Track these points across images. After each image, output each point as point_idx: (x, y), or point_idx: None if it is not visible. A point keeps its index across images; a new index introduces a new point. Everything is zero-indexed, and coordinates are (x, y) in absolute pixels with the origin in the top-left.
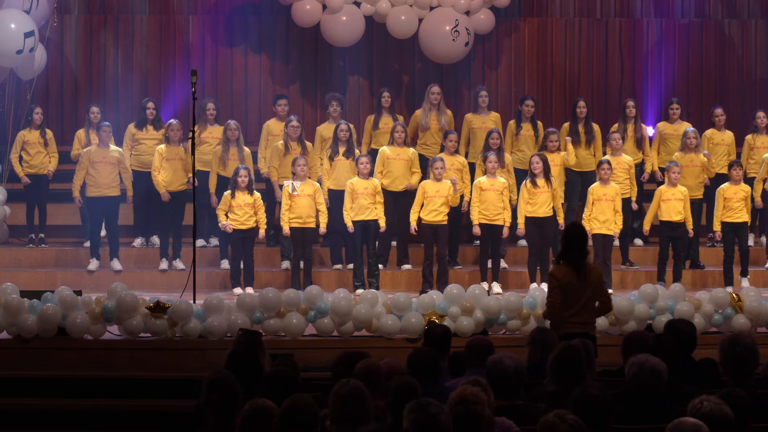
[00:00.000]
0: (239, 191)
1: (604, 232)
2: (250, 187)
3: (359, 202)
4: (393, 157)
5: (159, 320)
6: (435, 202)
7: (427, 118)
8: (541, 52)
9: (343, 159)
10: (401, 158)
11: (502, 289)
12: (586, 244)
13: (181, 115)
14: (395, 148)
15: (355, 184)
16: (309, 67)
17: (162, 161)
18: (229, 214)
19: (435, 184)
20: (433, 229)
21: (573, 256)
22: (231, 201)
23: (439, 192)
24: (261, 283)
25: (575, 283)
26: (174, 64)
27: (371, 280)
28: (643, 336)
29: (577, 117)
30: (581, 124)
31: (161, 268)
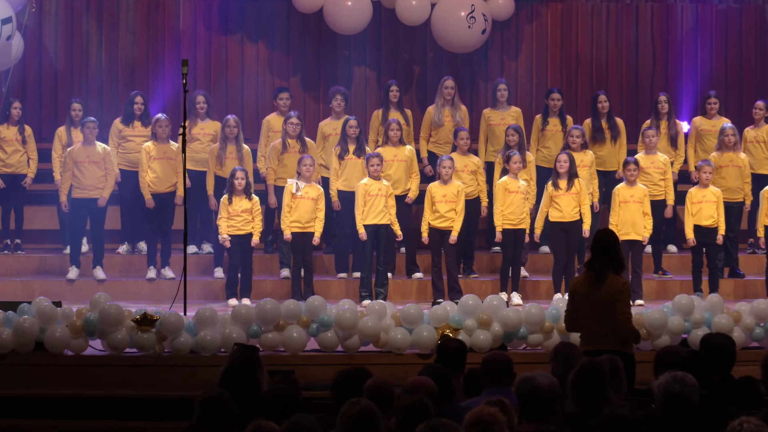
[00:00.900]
0: (236, 196)
1: (632, 238)
2: (248, 190)
3: (371, 205)
4: (390, 159)
5: (146, 334)
6: (442, 207)
7: (441, 114)
8: (565, 41)
9: (354, 158)
10: (399, 159)
11: (522, 300)
12: (613, 251)
13: (171, 109)
14: (391, 149)
15: (368, 186)
16: (311, 58)
17: (150, 160)
18: (228, 221)
19: (442, 186)
20: (440, 234)
21: (595, 264)
22: (228, 207)
23: (447, 196)
24: (258, 293)
25: (584, 292)
26: (163, 54)
27: (379, 290)
28: (676, 351)
29: (599, 112)
30: (604, 119)
31: (149, 276)
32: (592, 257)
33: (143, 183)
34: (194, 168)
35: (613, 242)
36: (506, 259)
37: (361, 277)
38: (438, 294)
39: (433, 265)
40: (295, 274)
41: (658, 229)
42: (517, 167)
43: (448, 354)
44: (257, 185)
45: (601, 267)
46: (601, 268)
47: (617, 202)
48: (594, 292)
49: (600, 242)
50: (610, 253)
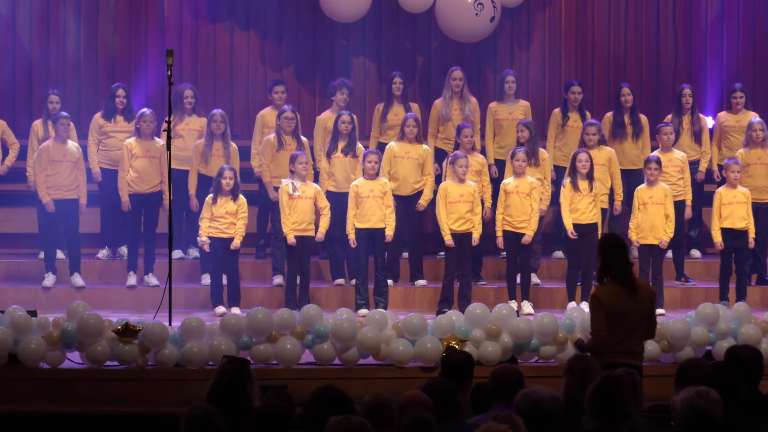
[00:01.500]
0: (222, 196)
1: (652, 242)
2: (235, 191)
3: (365, 206)
4: (401, 155)
5: (128, 346)
6: (458, 208)
7: (449, 108)
8: (580, 30)
9: (341, 156)
10: (410, 157)
11: (533, 309)
12: (628, 255)
13: (155, 103)
14: (405, 145)
15: (360, 186)
16: (306, 48)
17: (132, 159)
18: (212, 223)
19: (458, 186)
20: (457, 238)
21: (617, 271)
22: (212, 208)
23: (464, 196)
24: (249, 301)
25: (623, 305)
26: (146, 44)
27: (379, 299)
28: (700, 364)
29: (622, 106)
30: (627, 114)
31: (129, 283)
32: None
33: (122, 182)
34: (179, 167)
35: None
36: (510, 263)
37: (356, 284)
38: (446, 304)
39: (446, 273)
40: (289, 281)
41: (679, 233)
42: (519, 166)
43: (454, 367)
44: (248, 186)
45: (626, 273)
46: (628, 275)
47: (637, 204)
48: (634, 304)
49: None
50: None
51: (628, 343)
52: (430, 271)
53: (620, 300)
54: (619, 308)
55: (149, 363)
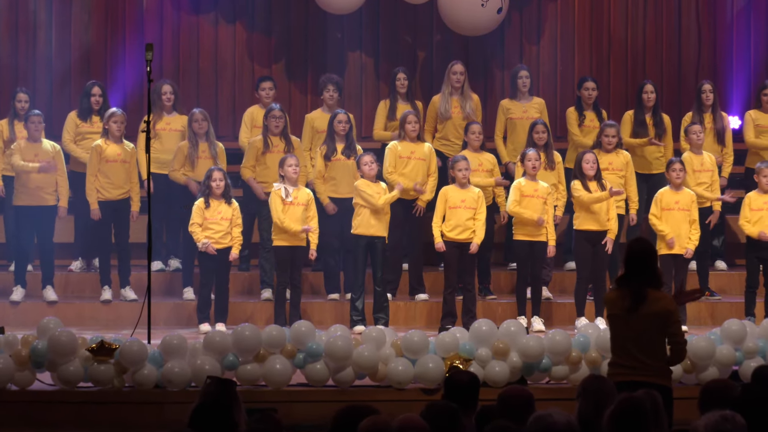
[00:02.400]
0: (214, 199)
1: (675, 251)
2: (228, 194)
3: (365, 212)
4: (406, 156)
5: (104, 366)
6: (459, 215)
7: (448, 105)
8: (595, 22)
9: (343, 158)
10: (416, 157)
11: (545, 326)
12: (652, 265)
13: (133, 101)
14: (408, 144)
15: (364, 188)
16: (297, 41)
17: (101, 162)
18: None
19: (459, 191)
20: (458, 248)
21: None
22: (205, 212)
23: (465, 202)
24: (235, 317)
25: (622, 315)
26: (124, 37)
27: (379, 316)
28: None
29: (644, 104)
30: (649, 113)
31: (104, 298)
32: (626, 272)
33: (90, 188)
34: (158, 171)
35: (649, 253)
36: (522, 276)
37: (351, 299)
38: (449, 320)
39: (446, 285)
40: (279, 295)
41: (705, 242)
42: (532, 166)
43: (458, 389)
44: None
45: (640, 283)
46: (639, 285)
47: (659, 208)
48: (634, 313)
49: (635, 254)
50: (646, 265)
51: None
52: (432, 283)
53: (620, 308)
54: (617, 317)
55: (126, 384)
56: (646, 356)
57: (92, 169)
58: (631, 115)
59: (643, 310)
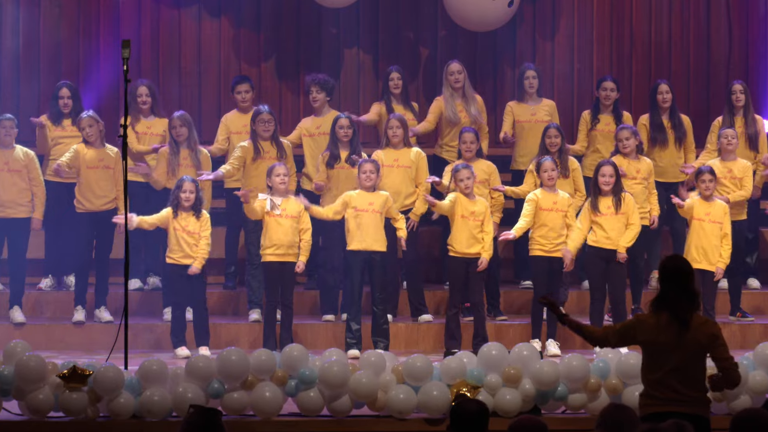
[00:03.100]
0: (182, 212)
1: (704, 268)
2: (198, 206)
3: (362, 224)
4: (389, 164)
5: (76, 393)
6: (467, 226)
7: (454, 109)
8: (616, 16)
9: (347, 167)
10: (400, 165)
11: (560, 350)
12: (690, 285)
13: (109, 104)
14: (391, 151)
15: (355, 198)
16: (289, 37)
17: (84, 169)
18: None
19: (469, 202)
20: (465, 263)
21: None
22: (174, 223)
23: (475, 214)
24: (219, 340)
25: (666, 341)
26: (98, 33)
27: (379, 339)
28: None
29: (659, 106)
30: (665, 115)
31: (76, 319)
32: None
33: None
34: (137, 179)
35: (689, 272)
36: (539, 295)
37: (346, 320)
38: (453, 343)
39: (451, 305)
40: (268, 316)
41: (738, 259)
42: (549, 177)
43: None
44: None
45: (682, 308)
46: (683, 311)
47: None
48: (678, 343)
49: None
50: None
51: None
52: (437, 303)
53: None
54: (659, 342)
55: (101, 414)
56: (688, 387)
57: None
58: (647, 120)
59: (688, 338)
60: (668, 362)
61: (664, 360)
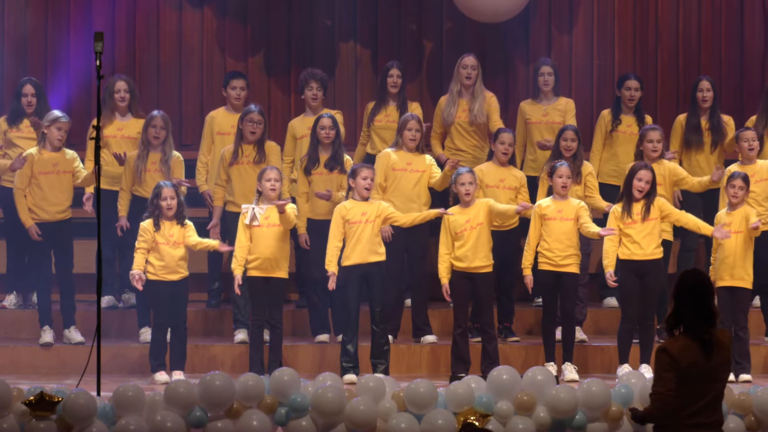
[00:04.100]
0: (165, 221)
1: (735, 284)
2: (181, 213)
3: (357, 237)
4: (402, 167)
5: (44, 422)
6: (467, 236)
7: (453, 107)
8: (639, 6)
9: (325, 172)
10: (414, 169)
11: (578, 374)
12: (712, 303)
13: (79, 103)
14: (405, 154)
15: (349, 210)
16: (279, 29)
17: (36, 175)
18: (152, 255)
19: (463, 211)
20: (468, 279)
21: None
22: (155, 235)
23: (470, 219)
24: (201, 364)
25: (700, 366)
26: (68, 25)
27: (378, 362)
28: None
29: (699, 106)
30: (705, 116)
31: (44, 341)
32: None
33: (21, 204)
34: (109, 187)
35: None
36: (547, 314)
37: (342, 341)
38: (461, 366)
39: (456, 325)
40: (255, 337)
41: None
42: (562, 184)
43: None
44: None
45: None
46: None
47: None
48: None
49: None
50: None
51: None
52: (441, 323)
53: (696, 358)
54: (695, 369)
55: None
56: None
57: (22, 183)
58: (683, 120)
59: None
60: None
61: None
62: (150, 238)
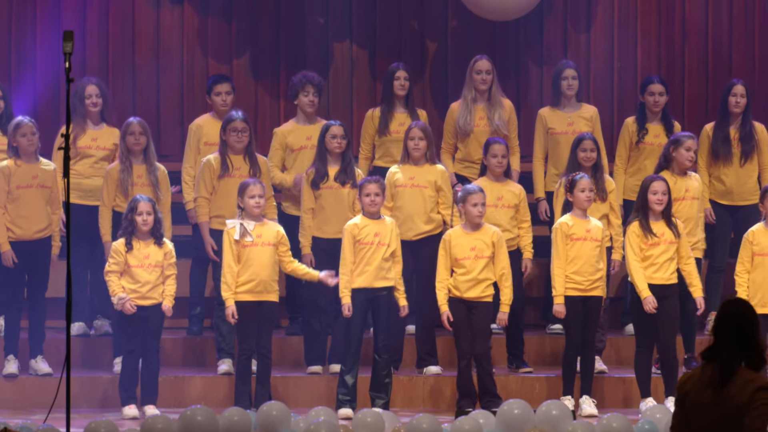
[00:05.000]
0: (139, 240)
1: None
2: (158, 231)
3: (365, 258)
4: (404, 184)
5: None
6: (470, 266)
7: (469, 115)
8: (664, 3)
9: (337, 186)
10: (417, 184)
11: (597, 408)
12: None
13: (47, 109)
14: (410, 168)
15: (361, 229)
16: (267, 28)
17: (13, 189)
18: (124, 279)
19: (468, 234)
20: (469, 308)
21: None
22: (127, 256)
23: (477, 248)
24: (182, 397)
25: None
26: (34, 23)
27: (377, 395)
28: None
29: (730, 112)
30: (735, 124)
31: (9, 371)
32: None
33: None
34: (81, 201)
35: (749, 319)
36: (572, 344)
37: (340, 371)
38: (467, 401)
39: (460, 355)
40: (241, 368)
41: None
42: (585, 199)
43: None
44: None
45: (730, 357)
46: (728, 359)
47: (749, 255)
48: (715, 395)
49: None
50: (742, 336)
51: None
52: (448, 352)
53: (699, 390)
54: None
55: None
56: None
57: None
58: (710, 131)
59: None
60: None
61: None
62: (122, 261)
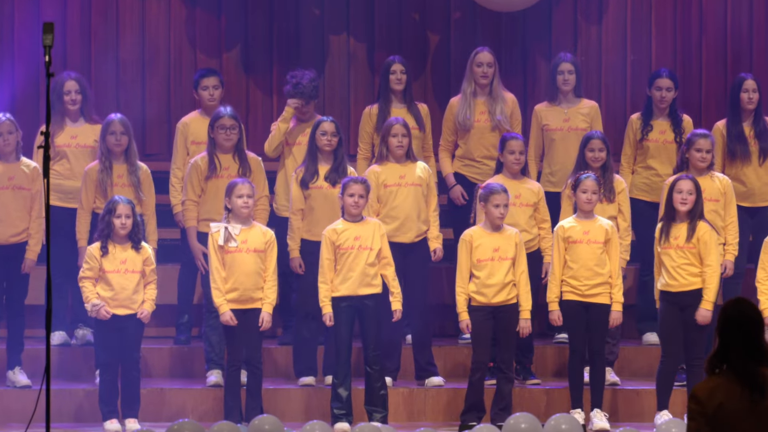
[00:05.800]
0: (115, 244)
1: None
2: (136, 235)
3: (348, 264)
4: (393, 183)
5: None
6: (491, 269)
7: (469, 110)
8: None
9: (327, 186)
10: (408, 183)
11: (609, 422)
12: (757, 337)
13: (25, 105)
14: (395, 167)
15: (341, 234)
16: (259, 21)
17: None
18: (99, 286)
19: (490, 235)
20: (489, 313)
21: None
22: (102, 261)
23: (501, 249)
24: (168, 411)
25: (740, 410)
26: (12, 15)
27: (374, 409)
28: None
29: (742, 108)
30: (748, 121)
31: None
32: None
33: None
34: (61, 204)
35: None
36: (575, 352)
37: (332, 384)
38: (472, 414)
39: (475, 367)
40: (231, 379)
41: None
42: (587, 200)
43: None
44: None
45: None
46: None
47: None
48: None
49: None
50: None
51: None
52: (449, 362)
53: (734, 401)
54: (732, 413)
55: None
56: None
57: None
58: (722, 129)
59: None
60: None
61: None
62: (96, 266)
